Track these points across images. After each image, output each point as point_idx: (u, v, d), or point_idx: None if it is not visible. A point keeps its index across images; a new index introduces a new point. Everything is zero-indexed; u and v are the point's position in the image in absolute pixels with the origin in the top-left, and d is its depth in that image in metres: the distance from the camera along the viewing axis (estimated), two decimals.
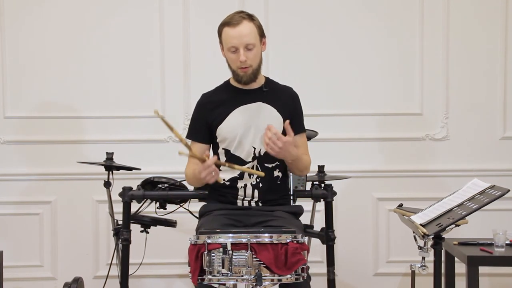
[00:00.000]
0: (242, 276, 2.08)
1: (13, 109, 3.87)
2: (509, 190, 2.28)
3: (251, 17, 2.54)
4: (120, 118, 3.87)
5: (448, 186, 3.33)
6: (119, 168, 3.32)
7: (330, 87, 3.88)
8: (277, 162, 2.57)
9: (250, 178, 2.56)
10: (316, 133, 3.27)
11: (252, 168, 2.55)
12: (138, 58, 3.87)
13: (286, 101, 2.63)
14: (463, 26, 3.86)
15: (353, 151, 3.87)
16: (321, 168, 3.30)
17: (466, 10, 3.86)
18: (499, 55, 3.85)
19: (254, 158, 2.55)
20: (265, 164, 2.55)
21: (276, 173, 2.58)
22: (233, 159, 2.56)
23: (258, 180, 2.55)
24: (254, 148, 2.55)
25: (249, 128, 2.55)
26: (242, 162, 2.55)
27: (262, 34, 2.56)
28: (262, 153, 2.55)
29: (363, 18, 3.87)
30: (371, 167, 3.88)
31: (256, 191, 2.55)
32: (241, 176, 2.56)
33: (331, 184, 2.72)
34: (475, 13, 3.86)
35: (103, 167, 3.30)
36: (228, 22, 2.51)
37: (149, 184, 3.04)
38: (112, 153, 3.33)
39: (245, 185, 2.56)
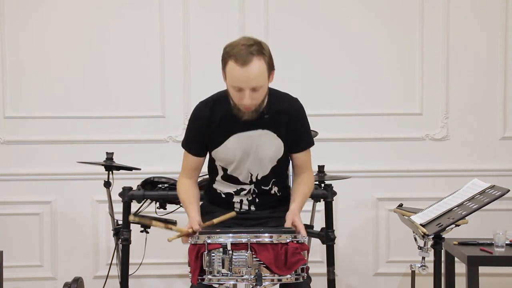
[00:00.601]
0: (242, 276, 2.08)
1: (13, 109, 3.87)
2: (509, 190, 2.28)
3: (261, 52, 2.25)
4: (120, 118, 3.87)
5: (448, 186, 3.32)
6: (119, 168, 3.32)
7: (330, 87, 3.88)
8: (273, 179, 2.50)
9: (246, 195, 2.50)
10: (316, 133, 3.27)
11: (249, 190, 2.49)
12: (138, 58, 3.87)
13: (288, 123, 2.43)
14: (463, 26, 3.86)
15: (353, 151, 3.87)
16: (321, 168, 3.29)
17: (466, 10, 3.86)
18: (499, 55, 3.85)
19: (251, 182, 2.48)
20: (262, 187, 2.50)
21: (274, 189, 2.52)
22: (230, 178, 2.49)
23: (254, 196, 2.50)
24: (251, 174, 2.47)
25: (247, 156, 2.43)
26: (239, 182, 2.48)
27: (270, 69, 2.32)
28: (259, 178, 2.47)
29: (363, 18, 3.87)
30: (371, 167, 3.88)
31: (252, 207, 2.52)
32: (237, 194, 2.50)
33: (331, 184, 2.72)
34: (475, 13, 3.86)
35: (103, 167, 3.30)
36: (235, 57, 2.22)
37: (149, 184, 3.04)
38: (112, 153, 3.33)
39: (241, 200, 2.51)
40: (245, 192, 2.49)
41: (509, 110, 3.86)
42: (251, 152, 2.42)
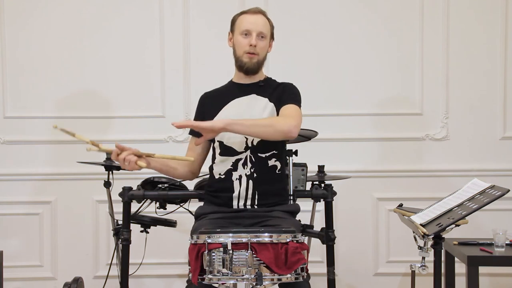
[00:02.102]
0: (243, 275, 2.08)
1: (13, 109, 3.87)
2: (509, 190, 2.28)
3: (267, 16, 2.65)
4: (120, 118, 3.87)
5: (448, 186, 3.33)
6: (119, 168, 3.31)
7: (330, 87, 3.88)
8: (273, 151, 2.55)
9: (244, 168, 2.54)
10: (316, 133, 3.27)
11: (246, 157, 2.54)
12: (138, 58, 3.87)
13: (279, 90, 2.64)
14: (463, 26, 3.86)
15: (353, 151, 3.87)
16: (321, 168, 3.29)
17: (466, 10, 3.86)
18: (499, 55, 3.85)
19: (246, 148, 2.54)
20: (259, 154, 2.54)
21: (272, 162, 2.56)
22: (226, 151, 2.56)
23: (252, 170, 2.53)
24: (246, 138, 2.54)
25: (242, 117, 2.50)
26: (235, 152, 2.55)
27: (272, 35, 2.66)
28: (255, 143, 2.54)
29: (363, 18, 3.87)
30: (371, 167, 3.88)
31: (251, 182, 2.53)
32: (234, 167, 2.54)
33: (331, 184, 2.72)
34: (475, 13, 3.86)
35: (103, 167, 3.30)
36: (246, 11, 2.62)
37: (149, 184, 3.04)
38: None
39: (240, 176, 2.53)
40: (242, 162, 2.53)
41: (509, 110, 3.87)
42: (244, 114, 2.54)
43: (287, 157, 2.75)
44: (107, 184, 3.30)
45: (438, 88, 3.87)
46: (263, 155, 2.55)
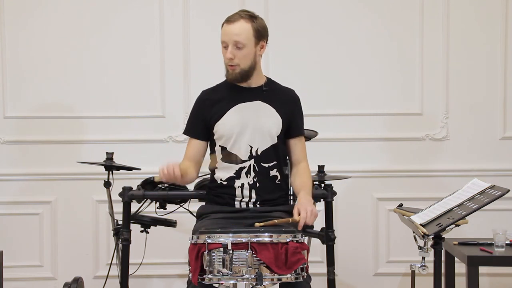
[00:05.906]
0: (243, 275, 2.08)
1: (13, 109, 3.87)
2: (509, 190, 2.28)
3: (251, 18, 2.50)
4: (120, 118, 3.87)
5: (448, 186, 3.33)
6: (119, 168, 3.32)
7: (330, 87, 3.88)
8: (274, 162, 2.55)
9: (247, 177, 2.54)
10: (316, 133, 3.27)
11: (250, 166, 2.54)
12: (138, 58, 3.87)
13: (286, 103, 2.60)
14: (463, 26, 3.86)
15: (353, 151, 3.87)
16: (321, 168, 3.30)
17: (466, 10, 3.86)
18: (499, 55, 3.85)
19: (251, 157, 2.54)
20: (262, 164, 2.53)
21: (273, 172, 2.56)
22: (230, 156, 2.55)
23: (255, 179, 2.54)
24: (251, 147, 2.53)
25: (246, 127, 2.52)
26: (240, 161, 2.53)
27: (259, 37, 2.51)
28: (259, 152, 2.53)
29: (363, 18, 3.87)
30: (371, 167, 3.88)
31: (253, 191, 2.54)
32: (238, 175, 2.54)
33: (331, 184, 2.72)
34: (475, 13, 3.86)
35: (103, 167, 3.30)
36: (227, 19, 2.51)
37: (149, 184, 3.04)
38: (112, 153, 3.33)
39: (242, 184, 2.53)
40: (245, 170, 2.52)
41: (509, 110, 3.87)
42: (250, 122, 2.52)
43: (287, 158, 2.74)
44: (107, 184, 3.31)
45: (438, 88, 3.87)
46: (266, 165, 2.55)
